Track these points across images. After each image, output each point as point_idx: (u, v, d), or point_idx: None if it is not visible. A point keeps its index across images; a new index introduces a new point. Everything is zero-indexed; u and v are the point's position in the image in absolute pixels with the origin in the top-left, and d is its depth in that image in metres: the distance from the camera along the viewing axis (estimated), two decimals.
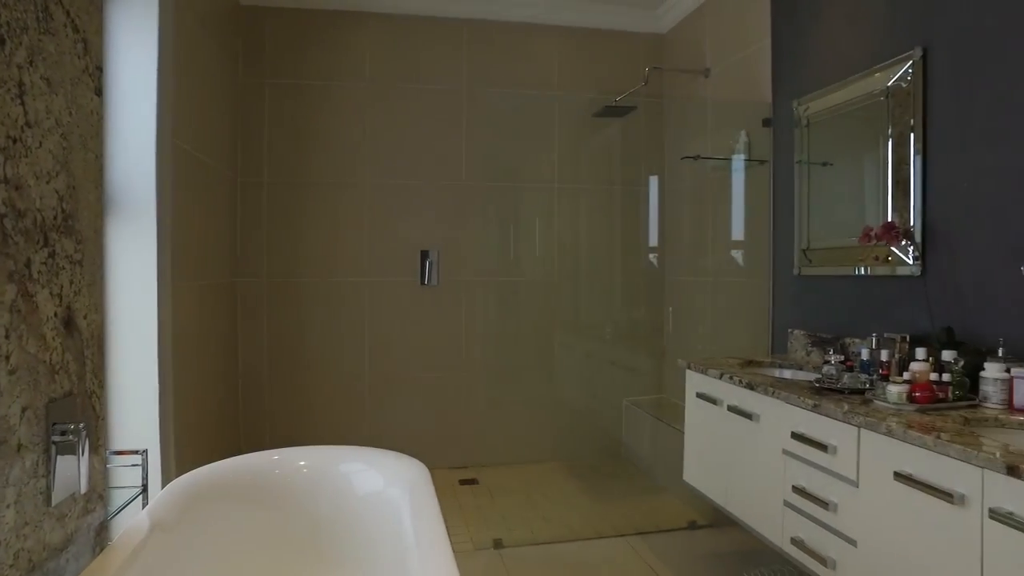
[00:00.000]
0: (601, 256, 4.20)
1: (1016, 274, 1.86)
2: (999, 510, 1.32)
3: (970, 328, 2.00)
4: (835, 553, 1.82)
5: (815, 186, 2.74)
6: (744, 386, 2.22)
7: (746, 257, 3.26)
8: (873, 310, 2.41)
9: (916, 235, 2.20)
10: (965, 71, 2.06)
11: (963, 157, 2.06)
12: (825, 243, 2.65)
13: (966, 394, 1.82)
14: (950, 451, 1.43)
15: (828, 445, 1.83)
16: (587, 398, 4.14)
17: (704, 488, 2.56)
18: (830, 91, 2.63)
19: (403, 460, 2.08)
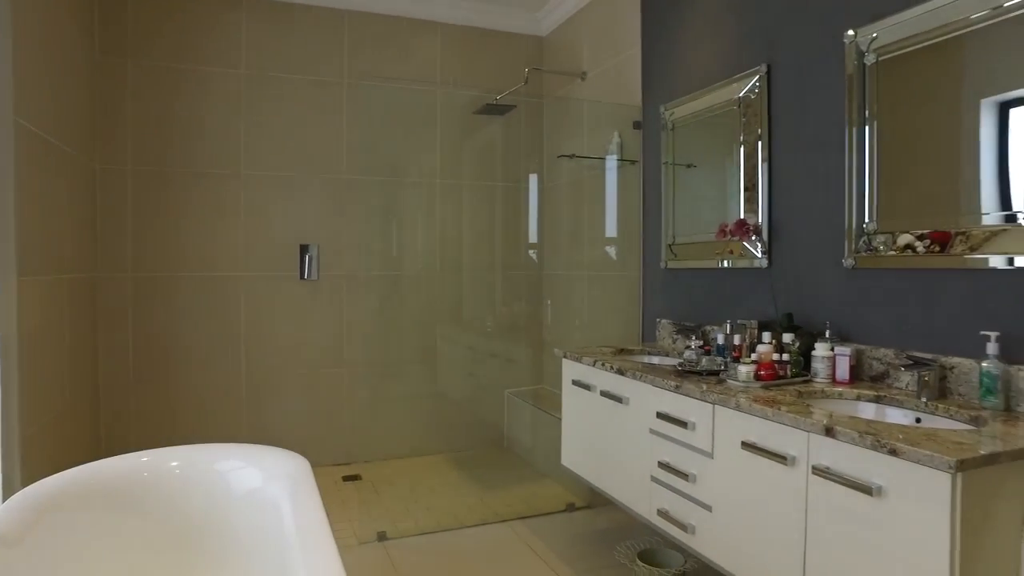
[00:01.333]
0: (482, 251, 4.29)
1: (838, 266, 2.13)
2: (819, 466, 1.53)
3: (806, 313, 2.27)
4: (695, 520, 2.00)
5: (680, 186, 2.97)
6: (615, 372, 2.38)
7: (619, 252, 3.46)
8: (729, 299, 2.65)
9: (764, 231, 2.45)
10: (798, 86, 2.32)
11: (798, 161, 2.32)
12: (688, 239, 2.88)
13: (801, 371, 2.06)
14: (784, 420, 1.62)
15: (688, 422, 2.00)
16: (470, 390, 4.22)
17: (581, 470, 2.71)
18: (692, 98, 2.86)
19: (282, 455, 2.05)
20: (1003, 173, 1.69)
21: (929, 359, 1.81)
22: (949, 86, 1.83)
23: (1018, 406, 1.63)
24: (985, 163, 1.73)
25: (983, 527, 1.31)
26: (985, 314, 1.73)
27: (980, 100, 1.74)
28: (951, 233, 1.82)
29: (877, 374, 1.99)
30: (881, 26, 2.00)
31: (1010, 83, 1.67)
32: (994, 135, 1.71)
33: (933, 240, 1.87)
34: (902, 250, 1.95)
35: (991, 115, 1.71)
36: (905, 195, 1.96)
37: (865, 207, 2.06)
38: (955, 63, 1.81)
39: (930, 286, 1.87)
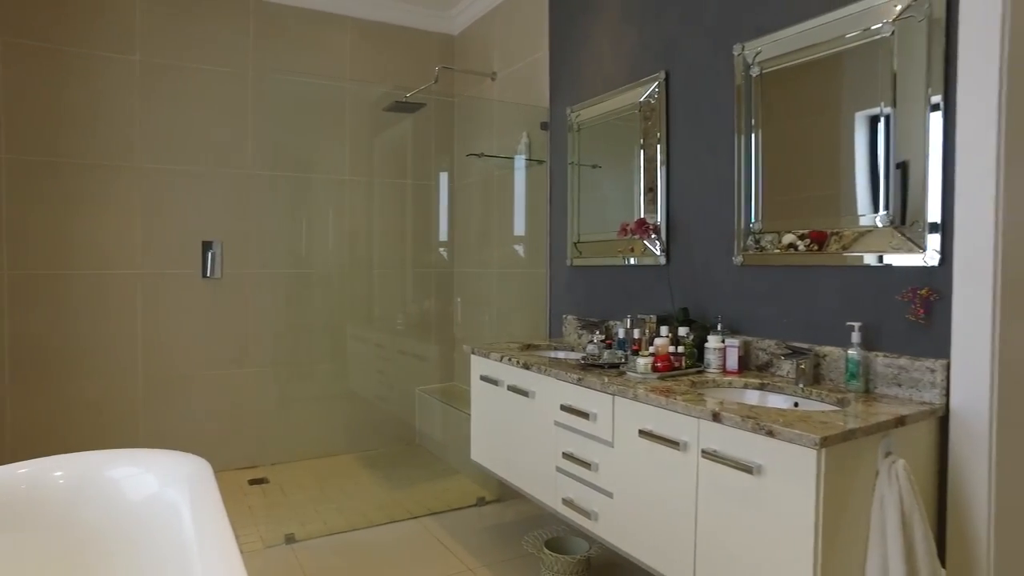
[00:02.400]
0: (393, 249, 4.26)
1: (729, 263, 2.27)
2: (708, 449, 1.64)
3: (701, 308, 2.41)
4: (597, 507, 2.09)
5: (585, 186, 3.07)
6: (521, 367, 2.44)
7: (527, 250, 3.53)
8: (631, 295, 2.77)
9: (662, 230, 2.58)
10: (693, 94, 2.46)
11: (694, 165, 2.46)
12: (593, 237, 2.99)
13: (695, 362, 2.19)
14: (677, 408, 1.73)
15: (590, 413, 2.09)
16: (381, 389, 4.19)
17: (490, 465, 2.75)
18: (597, 101, 2.96)
19: (180, 457, 1.98)
20: (873, 180, 1.86)
21: (806, 348, 1.97)
22: (825, 99, 2.00)
23: (876, 388, 1.81)
24: (859, 170, 1.90)
25: (843, 494, 1.45)
26: (852, 306, 1.90)
27: (855, 113, 1.90)
28: (827, 233, 1.99)
29: (763, 363, 2.15)
30: (764, 41, 2.15)
31: (876, 99, 1.84)
32: (866, 145, 1.88)
33: (812, 239, 2.03)
34: (786, 248, 2.11)
35: (863, 127, 1.88)
36: (788, 198, 2.12)
37: (752, 209, 2.21)
38: (830, 78, 1.98)
39: (809, 281, 2.04)
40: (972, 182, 1.61)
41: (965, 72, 1.62)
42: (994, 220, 1.57)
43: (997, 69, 1.56)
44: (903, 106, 1.77)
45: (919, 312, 1.72)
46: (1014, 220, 1.59)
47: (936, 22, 1.69)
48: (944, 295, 1.68)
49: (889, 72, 1.80)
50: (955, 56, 1.65)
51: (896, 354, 1.77)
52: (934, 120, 1.70)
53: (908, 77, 1.76)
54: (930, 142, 1.71)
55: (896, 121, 1.79)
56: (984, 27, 1.58)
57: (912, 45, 1.74)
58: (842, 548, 1.46)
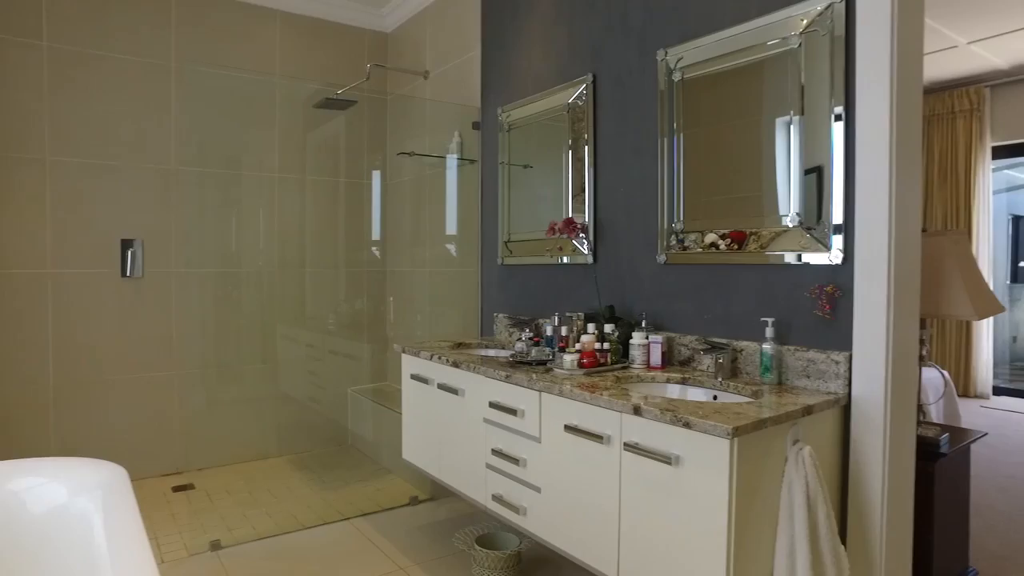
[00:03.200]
0: (325, 248, 4.19)
1: (653, 261, 2.35)
2: (630, 442, 1.69)
3: (627, 305, 2.47)
4: (526, 501, 2.12)
5: (515, 185, 3.10)
6: (451, 365, 2.45)
7: (459, 248, 3.54)
8: (560, 293, 2.82)
9: (590, 230, 2.64)
10: (619, 97, 2.53)
11: (620, 166, 2.53)
12: (523, 236, 3.02)
13: (621, 358, 2.26)
14: (600, 403, 1.77)
15: (518, 409, 2.12)
16: (312, 390, 4.11)
17: (421, 463, 2.75)
18: (528, 102, 3.00)
19: (92, 465, 1.89)
20: (787, 184, 1.95)
21: (724, 344, 2.06)
22: (743, 105, 2.09)
23: (788, 380, 1.91)
24: (774, 174, 1.99)
25: (754, 480, 1.52)
26: (767, 303, 2.00)
27: (769, 119, 1.99)
28: (746, 233, 2.08)
29: (685, 359, 2.23)
30: (686, 48, 2.23)
31: (787, 107, 1.94)
32: (779, 150, 1.97)
33: (733, 239, 2.12)
34: (707, 248, 2.19)
35: (777, 133, 1.97)
36: (710, 199, 2.20)
37: (675, 209, 2.29)
38: (747, 86, 2.07)
39: (728, 279, 2.12)
40: (870, 187, 1.72)
41: (862, 86, 1.73)
42: (888, 222, 1.68)
43: (888, 84, 1.67)
44: (810, 115, 1.87)
45: (825, 308, 1.82)
46: (904, 222, 1.71)
47: (837, 39, 1.79)
48: (847, 291, 1.78)
49: (798, 83, 1.90)
50: (854, 71, 1.75)
51: (805, 347, 1.87)
52: (837, 129, 1.80)
53: (814, 88, 1.86)
54: (834, 149, 1.81)
55: (805, 129, 1.89)
56: (876, 46, 1.69)
57: (817, 59, 1.84)
58: (754, 530, 1.53)
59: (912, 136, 1.74)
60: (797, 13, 1.89)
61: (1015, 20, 4.44)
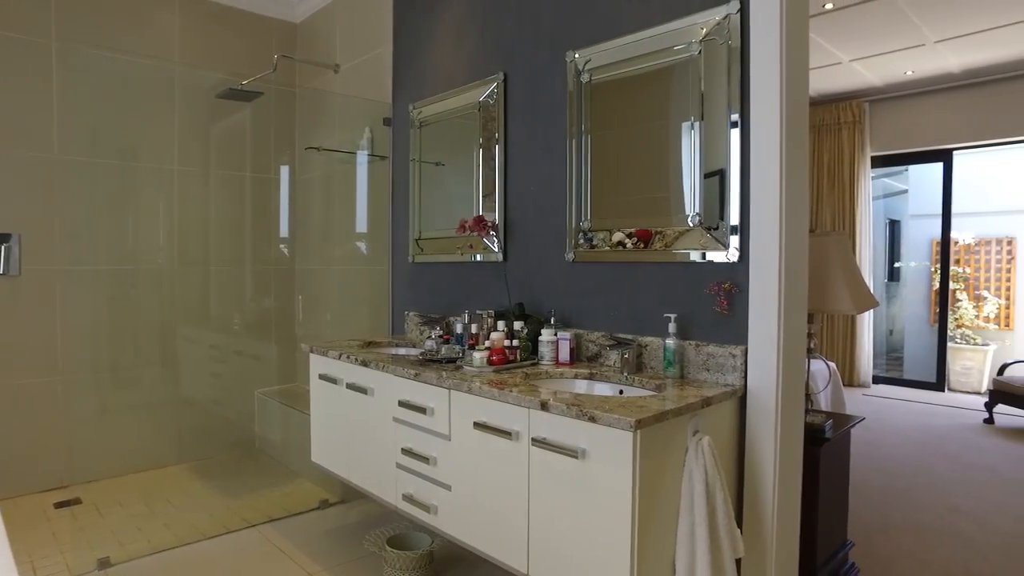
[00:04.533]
0: (231, 245, 4.01)
1: (561, 259, 2.39)
2: (538, 437, 1.71)
3: (536, 302, 2.51)
4: (436, 500, 2.11)
5: (427, 183, 3.08)
6: (360, 364, 2.40)
7: (370, 246, 3.48)
8: (471, 291, 2.82)
9: (501, 228, 2.65)
10: (530, 96, 2.56)
11: (530, 165, 2.56)
12: (434, 234, 3.01)
13: (530, 355, 2.28)
14: (508, 399, 1.79)
15: (427, 408, 2.10)
16: (216, 393, 3.93)
17: (331, 465, 2.69)
18: (439, 99, 2.98)
19: None
20: (690, 185, 2.03)
21: (630, 339, 2.12)
22: (648, 108, 2.16)
23: (690, 373, 1.99)
24: (678, 176, 2.07)
25: (657, 470, 1.58)
26: (671, 299, 2.07)
27: (673, 124, 2.07)
28: (652, 232, 2.15)
29: (593, 354, 2.28)
30: (594, 50, 2.28)
31: (689, 113, 2.02)
32: (682, 153, 2.05)
33: (640, 238, 2.18)
34: (615, 246, 2.25)
35: (680, 137, 2.05)
36: (619, 199, 2.26)
37: (583, 208, 2.34)
38: (652, 90, 2.14)
39: (635, 276, 2.19)
40: (763, 190, 1.82)
41: (756, 95, 1.83)
42: (779, 223, 1.79)
43: (778, 94, 1.78)
44: (710, 121, 1.96)
45: (723, 304, 1.91)
46: (793, 224, 1.82)
47: (734, 50, 1.89)
48: (743, 288, 1.88)
49: (699, 90, 1.98)
50: (749, 81, 1.85)
51: (706, 342, 1.96)
52: (734, 135, 1.90)
53: (713, 96, 1.95)
54: (731, 154, 1.90)
55: (705, 134, 1.97)
56: (768, 58, 1.79)
57: (716, 67, 1.93)
58: (658, 517, 1.59)
59: (800, 143, 1.86)
60: (697, 22, 1.97)
61: (886, 44, 4.82)
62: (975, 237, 7.13)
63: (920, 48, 4.91)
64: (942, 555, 2.69)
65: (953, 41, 4.76)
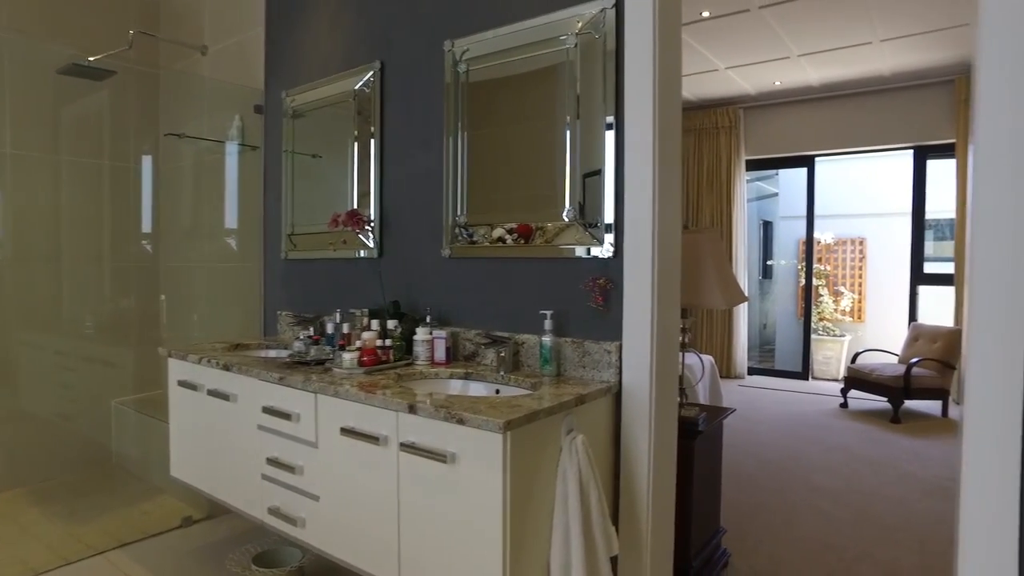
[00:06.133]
0: (85, 239, 3.62)
1: (438, 255, 2.31)
2: (406, 442, 1.62)
3: (413, 300, 2.41)
4: (304, 512, 1.97)
5: (300, 175, 2.90)
6: (222, 368, 2.21)
7: (241, 242, 3.25)
8: (346, 289, 2.68)
9: (376, 222, 2.54)
10: (407, 86, 2.46)
11: (407, 158, 2.46)
12: (307, 229, 2.84)
13: (404, 355, 2.19)
14: (375, 402, 1.69)
15: (292, 413, 1.96)
16: (64, 405, 3.53)
17: (192, 479, 2.47)
18: (314, 87, 2.81)
19: None
20: (569, 183, 2.00)
21: (507, 337, 2.08)
22: (525, 103, 2.11)
23: (566, 371, 1.97)
24: (557, 173, 2.03)
25: (530, 471, 1.54)
26: (548, 296, 2.04)
27: (550, 121, 2.03)
28: (532, 228, 2.11)
29: (470, 353, 2.21)
30: (473, 40, 2.22)
31: (565, 112, 1.99)
32: (560, 151, 2.02)
33: (520, 234, 2.14)
34: (495, 242, 2.19)
35: (558, 135, 2.01)
36: (497, 194, 2.20)
37: (460, 203, 2.27)
38: (530, 84, 2.10)
39: (513, 273, 2.14)
40: (636, 188, 1.82)
41: (631, 95, 1.83)
42: (652, 220, 1.80)
43: (651, 98, 1.79)
44: (587, 119, 1.94)
45: (598, 300, 1.90)
46: (666, 221, 1.84)
47: (609, 47, 1.88)
48: (617, 284, 1.88)
49: (575, 88, 1.96)
50: (623, 79, 1.85)
51: (582, 339, 1.94)
52: (608, 135, 1.89)
53: (590, 93, 1.93)
54: (606, 152, 1.89)
55: (582, 130, 1.96)
56: (642, 57, 1.80)
57: (592, 65, 1.92)
58: (532, 520, 1.54)
59: (673, 143, 1.88)
60: (573, 15, 1.95)
61: (757, 54, 5.10)
62: (834, 237, 7.72)
63: (786, 60, 5.23)
64: (804, 532, 2.85)
65: (812, 56, 5.11)
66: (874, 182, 7.56)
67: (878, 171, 7.47)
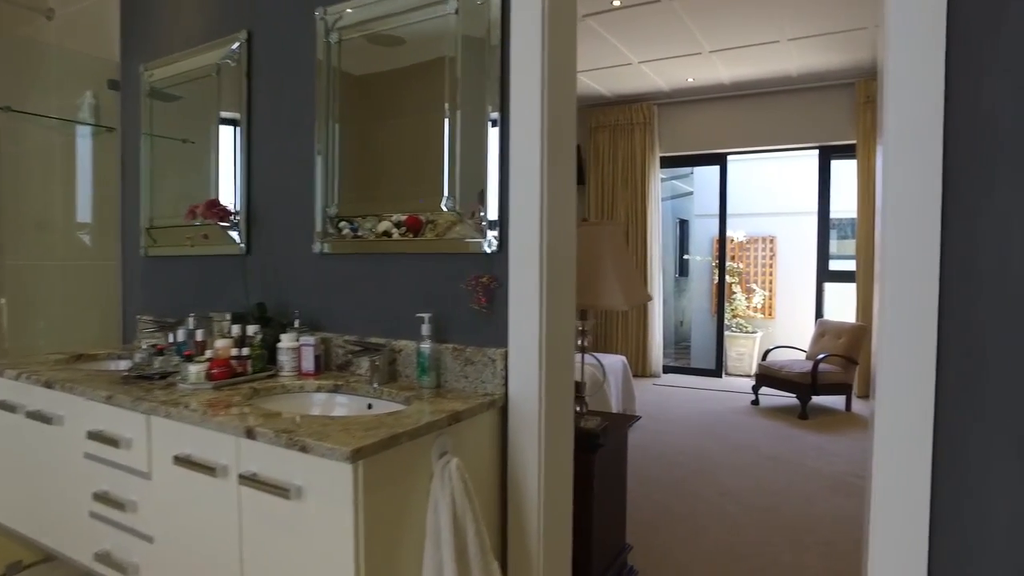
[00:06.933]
0: None
1: (308, 252, 2.04)
2: (247, 473, 1.35)
3: (284, 302, 2.12)
4: (137, 557, 1.66)
5: (161, 161, 2.55)
6: (43, 385, 1.86)
7: (96, 237, 2.85)
8: (212, 290, 2.36)
9: (243, 214, 2.23)
10: (277, 60, 2.17)
11: (278, 142, 2.16)
12: (169, 222, 2.49)
13: (266, 365, 1.90)
14: (211, 425, 1.41)
15: (122, 439, 1.65)
16: None
17: (10, 520, 2.09)
18: (175, 60, 2.47)
19: None
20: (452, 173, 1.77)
21: (382, 344, 1.83)
22: (406, 86, 1.87)
23: (447, 382, 1.74)
24: (441, 163, 1.79)
25: (392, 506, 1.30)
26: (428, 296, 1.81)
27: (435, 109, 1.78)
28: (423, 220, 1.86)
29: (344, 363, 1.95)
30: (346, 6, 1.95)
31: (443, 99, 1.76)
32: (445, 140, 1.78)
33: (408, 226, 1.89)
34: (381, 236, 1.93)
35: (442, 123, 1.77)
36: (378, 181, 1.94)
37: (331, 192, 2.00)
38: (412, 61, 1.86)
39: (393, 271, 1.89)
40: (522, 174, 1.61)
41: (517, 74, 1.62)
42: (540, 211, 1.59)
43: (539, 77, 1.59)
44: (468, 100, 1.72)
45: (481, 300, 1.68)
46: (557, 212, 1.64)
47: (494, 23, 1.66)
48: (503, 283, 1.67)
49: (456, 65, 1.74)
50: (508, 58, 1.64)
51: (464, 345, 1.72)
52: (493, 117, 1.67)
53: (472, 73, 1.71)
54: (488, 135, 1.68)
55: (463, 114, 1.74)
56: (529, 35, 1.59)
57: (475, 43, 1.70)
58: (395, 561, 1.31)
59: (565, 127, 1.68)
60: None
61: (670, 48, 5.04)
62: (746, 236, 7.86)
63: (697, 56, 5.19)
64: (712, 541, 2.74)
65: (723, 53, 5.09)
66: (783, 182, 7.74)
67: (787, 171, 7.64)
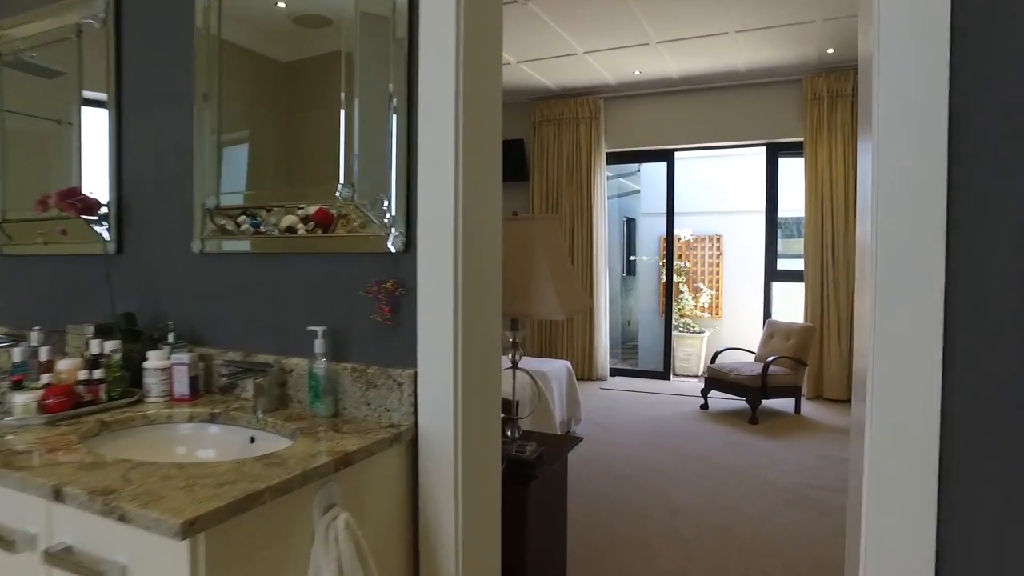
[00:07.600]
0: None
1: (187, 251, 1.70)
2: (55, 548, 1.02)
3: (160, 312, 1.78)
4: None
5: (16, 141, 2.16)
6: None
7: None
8: (78, 296, 1.99)
9: (112, 207, 1.87)
10: (148, 25, 1.82)
11: (153, 119, 1.81)
12: (22, 214, 2.10)
13: (128, 389, 1.56)
14: (11, 482, 1.07)
15: None
16: None
17: None
18: (27, 19, 2.07)
19: None
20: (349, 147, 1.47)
21: (269, 363, 1.51)
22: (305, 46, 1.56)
23: (345, 409, 1.44)
24: (343, 136, 1.49)
25: None
26: (330, 304, 1.50)
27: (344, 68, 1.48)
28: (334, 215, 1.55)
29: (227, 385, 1.63)
30: None
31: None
32: (344, 106, 1.48)
33: (318, 221, 1.57)
34: (284, 232, 1.61)
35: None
36: (285, 167, 1.63)
37: (210, 180, 1.67)
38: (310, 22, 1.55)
39: (289, 275, 1.58)
40: (432, 178, 1.33)
41: (426, 46, 1.34)
42: (454, 203, 1.31)
43: (453, 74, 1.30)
44: (368, 68, 1.43)
45: (384, 310, 1.39)
46: (475, 207, 1.36)
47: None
48: (410, 289, 1.38)
49: (356, 30, 1.44)
50: (417, 24, 1.35)
51: (365, 364, 1.42)
52: (398, 91, 1.39)
53: (373, 37, 1.42)
54: (395, 130, 1.40)
55: (361, 85, 1.44)
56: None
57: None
58: None
59: (490, 118, 1.41)
60: None
61: (616, 38, 4.82)
62: (693, 234, 7.75)
63: (645, 47, 4.99)
64: (663, 567, 2.51)
65: (671, 44, 4.90)
66: (730, 180, 7.66)
67: (733, 169, 7.56)
